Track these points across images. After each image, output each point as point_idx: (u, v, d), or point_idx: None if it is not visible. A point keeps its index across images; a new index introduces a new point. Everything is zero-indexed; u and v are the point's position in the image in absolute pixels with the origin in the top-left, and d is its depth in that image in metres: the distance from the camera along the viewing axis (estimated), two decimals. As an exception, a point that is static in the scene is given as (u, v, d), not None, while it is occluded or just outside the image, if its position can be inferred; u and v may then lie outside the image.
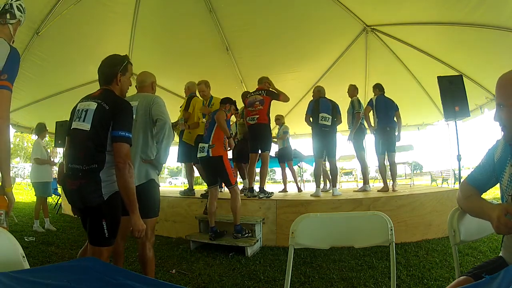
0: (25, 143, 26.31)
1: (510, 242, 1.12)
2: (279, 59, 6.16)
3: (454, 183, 10.89)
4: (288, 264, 1.30)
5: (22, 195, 10.44)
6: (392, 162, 4.86)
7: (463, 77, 4.21)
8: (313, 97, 4.79)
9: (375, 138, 4.85)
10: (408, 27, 5.17)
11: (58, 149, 6.96)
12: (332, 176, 4.86)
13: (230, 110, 3.67)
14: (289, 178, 6.09)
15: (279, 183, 14.05)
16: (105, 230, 1.56)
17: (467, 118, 5.34)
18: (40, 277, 0.78)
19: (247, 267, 2.92)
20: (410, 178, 6.92)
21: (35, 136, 5.21)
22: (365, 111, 4.90)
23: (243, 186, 4.92)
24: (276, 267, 2.89)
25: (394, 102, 4.76)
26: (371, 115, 4.86)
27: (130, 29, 5.46)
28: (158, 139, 2.09)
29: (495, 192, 4.49)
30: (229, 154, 3.84)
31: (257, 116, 4.27)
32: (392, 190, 4.75)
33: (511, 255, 1.12)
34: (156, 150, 2.12)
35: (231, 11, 5.21)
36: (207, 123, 3.61)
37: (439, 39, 5.18)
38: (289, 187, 6.02)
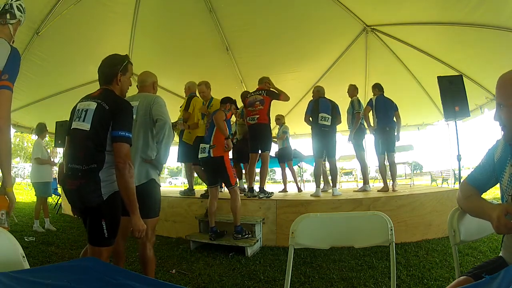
0: (25, 143, 26.29)
1: (510, 242, 1.12)
2: (279, 59, 6.16)
3: (454, 183, 10.89)
4: (288, 264, 1.30)
5: (22, 195, 10.44)
6: (392, 162, 4.86)
7: (463, 77, 4.21)
8: (313, 97, 4.79)
9: (375, 138, 4.85)
10: (408, 27, 5.18)
11: (58, 149, 6.96)
12: (332, 176, 4.87)
13: (230, 110, 3.66)
14: (289, 178, 6.10)
15: (279, 183, 14.04)
16: (105, 230, 1.56)
17: (467, 118, 5.34)
18: (40, 277, 0.78)
19: (247, 267, 2.92)
20: (410, 178, 6.93)
21: (35, 136, 5.21)
22: (365, 111, 4.90)
23: (239, 186, 4.92)
24: (276, 267, 2.89)
25: (394, 102, 4.75)
26: (371, 115, 4.86)
27: (130, 29, 5.46)
28: (158, 139, 2.09)
29: (495, 192, 4.49)
30: (229, 154, 3.84)
31: (257, 116, 4.27)
32: (392, 190, 4.75)
33: (511, 255, 1.12)
34: (157, 150, 2.12)
35: (231, 11, 5.21)
36: (208, 123, 3.61)
37: (439, 39, 5.18)
38: (289, 187, 6.02)
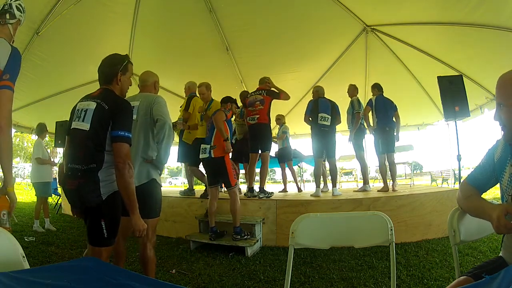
0: (25, 143, 26.28)
1: (510, 242, 1.12)
2: (279, 59, 6.16)
3: (454, 183, 10.89)
4: (288, 264, 1.30)
5: (22, 195, 10.44)
6: (392, 162, 4.86)
7: (463, 77, 4.21)
8: (313, 97, 4.79)
9: (375, 138, 4.85)
10: (408, 27, 5.17)
11: (58, 149, 6.97)
12: (332, 176, 4.86)
13: (231, 110, 3.66)
14: (289, 178, 6.10)
15: (279, 183, 14.04)
16: (104, 230, 1.56)
17: (467, 118, 5.34)
18: (40, 277, 0.78)
19: (247, 267, 2.92)
20: (410, 178, 6.93)
21: (35, 136, 5.21)
22: (365, 111, 4.90)
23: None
24: (276, 267, 2.89)
25: (393, 102, 4.76)
26: (370, 115, 4.87)
27: (130, 29, 5.46)
28: (159, 139, 2.09)
29: (495, 192, 4.50)
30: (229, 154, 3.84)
31: (258, 116, 4.27)
32: (392, 190, 4.75)
33: (511, 255, 1.12)
34: (157, 150, 2.11)
35: (231, 11, 5.21)
36: (209, 124, 3.60)
37: (439, 39, 5.18)
38: (289, 187, 6.02)
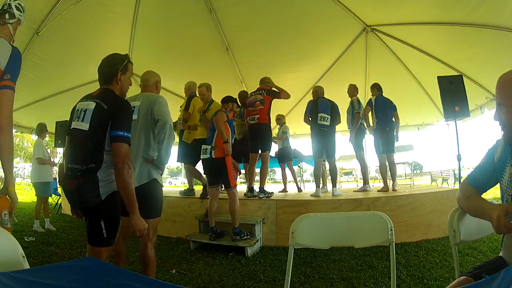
0: (25, 143, 26.26)
1: (510, 242, 1.12)
2: (279, 59, 6.16)
3: (454, 183, 10.89)
4: (288, 264, 1.29)
5: (22, 195, 10.44)
6: (392, 162, 4.86)
7: (463, 77, 4.21)
8: (313, 98, 4.79)
9: (374, 138, 4.85)
10: (408, 27, 5.17)
11: (58, 149, 6.97)
12: (332, 176, 4.86)
13: (232, 110, 3.65)
14: (289, 178, 6.10)
15: (279, 183, 14.05)
16: (104, 230, 1.55)
17: (467, 118, 5.33)
18: (40, 277, 0.78)
19: (247, 267, 2.92)
20: (410, 178, 6.93)
21: (35, 136, 5.21)
22: (365, 111, 4.91)
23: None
24: (276, 267, 2.89)
25: (393, 102, 4.76)
26: (370, 115, 4.87)
27: (130, 29, 5.46)
28: (159, 139, 2.08)
29: (495, 192, 4.50)
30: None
31: (258, 116, 4.27)
32: (393, 190, 4.76)
33: (511, 255, 1.12)
34: (158, 150, 2.11)
35: (231, 11, 5.20)
36: (210, 124, 3.60)
37: (439, 39, 5.18)
38: (289, 187, 6.02)
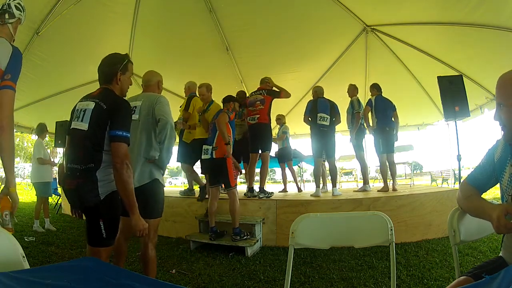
0: (25, 143, 26.25)
1: (510, 242, 1.12)
2: (279, 59, 6.16)
3: (454, 183, 10.88)
4: (288, 264, 1.29)
5: (22, 195, 10.44)
6: (392, 162, 4.86)
7: (463, 77, 4.21)
8: (313, 98, 4.80)
9: (374, 138, 4.85)
10: (408, 27, 5.17)
11: (58, 149, 6.97)
12: (332, 176, 4.86)
13: (234, 110, 3.65)
14: (289, 178, 6.10)
15: (279, 183, 14.04)
16: (103, 230, 1.55)
17: (467, 118, 5.33)
18: (40, 277, 0.78)
19: (247, 267, 2.92)
20: (410, 178, 6.92)
21: (35, 136, 5.21)
22: (364, 111, 4.91)
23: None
24: (276, 267, 2.89)
25: (392, 102, 4.77)
26: (370, 115, 4.87)
27: (130, 29, 5.46)
28: (160, 139, 2.08)
29: (495, 192, 4.50)
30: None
31: (258, 116, 4.27)
32: (393, 189, 4.76)
33: (511, 255, 1.12)
34: (159, 150, 2.10)
35: (231, 11, 5.20)
36: (211, 124, 3.59)
37: (439, 39, 5.18)
38: (289, 187, 6.02)
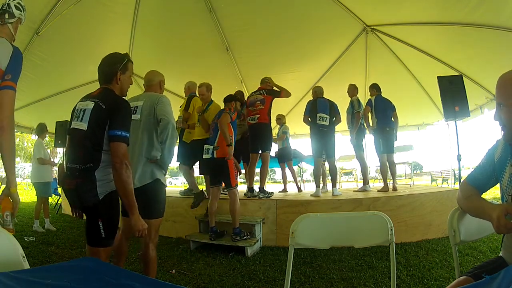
0: (25, 143, 26.25)
1: (510, 242, 1.12)
2: (279, 59, 6.16)
3: (454, 183, 10.88)
4: (288, 264, 1.29)
5: (22, 195, 10.43)
6: (392, 162, 4.87)
7: (463, 77, 4.21)
8: (312, 98, 4.80)
9: (375, 138, 4.85)
10: (408, 27, 5.17)
11: (58, 149, 6.97)
12: (332, 176, 4.86)
13: (236, 110, 3.64)
14: (289, 178, 6.10)
15: (279, 183, 14.04)
16: (102, 230, 1.54)
17: (467, 118, 5.33)
18: (40, 277, 0.77)
19: (247, 267, 2.92)
20: (410, 178, 6.92)
21: (35, 136, 5.21)
22: (364, 111, 4.91)
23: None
24: (276, 267, 2.89)
25: (392, 102, 4.78)
26: (370, 115, 4.87)
27: (130, 29, 5.46)
28: (162, 139, 2.07)
29: (495, 192, 4.50)
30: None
31: (258, 116, 4.27)
32: (393, 189, 4.77)
33: (511, 255, 1.12)
34: (161, 150, 2.10)
35: (231, 11, 5.21)
36: (213, 124, 3.59)
37: (439, 39, 5.18)
38: (289, 187, 6.02)
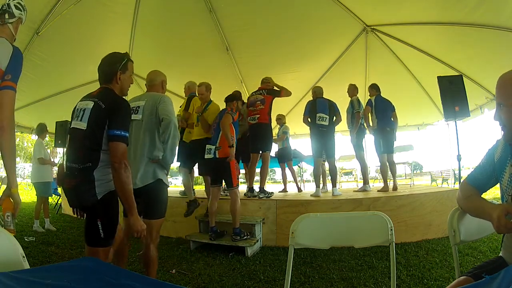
0: (25, 143, 26.25)
1: (510, 242, 1.12)
2: (279, 59, 6.16)
3: (454, 183, 10.88)
4: (288, 264, 1.29)
5: (22, 195, 10.42)
6: (392, 162, 4.88)
7: (463, 77, 4.21)
8: (312, 98, 4.80)
9: (375, 138, 4.85)
10: (408, 27, 5.17)
11: (58, 149, 6.97)
12: (332, 176, 4.86)
13: (238, 110, 3.64)
14: (289, 178, 6.10)
15: (279, 183, 14.03)
16: (101, 230, 1.54)
17: (467, 118, 5.33)
18: (40, 277, 0.77)
19: (247, 267, 2.92)
20: (410, 178, 6.92)
21: (35, 136, 5.21)
22: (365, 111, 4.91)
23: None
24: (276, 267, 2.89)
25: (391, 102, 4.78)
26: (370, 115, 4.87)
27: (130, 29, 5.46)
28: (164, 139, 2.07)
29: (495, 192, 4.50)
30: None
31: (258, 116, 4.27)
32: (393, 188, 4.77)
33: (511, 255, 1.12)
34: (163, 150, 2.09)
35: (231, 11, 5.21)
36: (215, 124, 3.59)
37: (439, 39, 5.18)
38: (289, 187, 6.02)
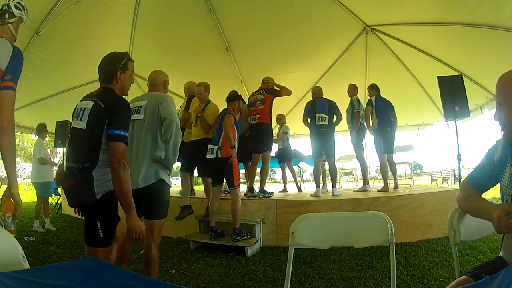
0: (25, 143, 26.25)
1: (510, 242, 1.12)
2: (279, 59, 6.16)
3: (454, 183, 10.88)
4: (288, 264, 1.29)
5: (22, 195, 10.38)
6: (392, 162, 4.88)
7: (463, 77, 4.21)
8: (312, 98, 4.80)
9: (375, 138, 4.86)
10: (408, 27, 5.17)
11: (58, 149, 6.97)
12: (332, 176, 4.85)
13: (240, 110, 3.63)
14: (289, 178, 6.10)
15: (279, 183, 14.04)
16: (100, 231, 1.54)
17: (467, 118, 5.33)
18: (40, 277, 0.77)
19: (247, 267, 2.92)
20: (410, 178, 6.91)
21: (35, 136, 5.21)
22: (365, 111, 4.91)
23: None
24: (276, 267, 2.89)
25: (390, 102, 4.79)
26: (370, 115, 4.87)
27: (130, 29, 5.46)
28: (166, 139, 2.06)
29: (495, 192, 4.50)
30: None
31: (258, 116, 4.27)
32: (394, 188, 4.77)
33: (511, 255, 1.12)
34: (165, 150, 2.09)
35: (231, 11, 5.21)
36: (217, 124, 3.59)
37: (439, 39, 5.18)
38: (289, 187, 6.02)
